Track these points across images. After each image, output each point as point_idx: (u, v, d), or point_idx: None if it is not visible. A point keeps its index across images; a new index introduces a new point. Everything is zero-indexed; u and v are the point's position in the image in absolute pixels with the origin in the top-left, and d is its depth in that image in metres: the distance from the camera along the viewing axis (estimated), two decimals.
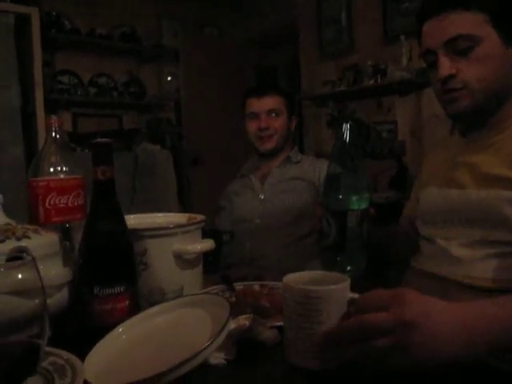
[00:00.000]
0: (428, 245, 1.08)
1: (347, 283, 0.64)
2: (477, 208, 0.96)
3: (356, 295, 0.64)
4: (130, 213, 0.92)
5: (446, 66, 0.95)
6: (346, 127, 0.90)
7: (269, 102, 1.76)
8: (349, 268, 0.88)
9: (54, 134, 0.99)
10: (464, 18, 0.92)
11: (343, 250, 0.87)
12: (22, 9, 3.21)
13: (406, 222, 1.25)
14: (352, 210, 0.86)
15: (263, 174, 1.83)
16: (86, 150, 3.25)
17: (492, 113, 0.99)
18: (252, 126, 1.78)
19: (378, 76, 3.32)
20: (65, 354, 0.60)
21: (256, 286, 0.93)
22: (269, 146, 1.77)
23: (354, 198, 0.87)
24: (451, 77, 0.95)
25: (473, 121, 1.02)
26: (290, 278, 0.67)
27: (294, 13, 4.15)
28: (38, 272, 0.48)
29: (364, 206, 0.88)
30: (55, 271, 0.73)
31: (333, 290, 0.63)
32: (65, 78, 3.87)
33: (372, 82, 3.37)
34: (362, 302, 0.61)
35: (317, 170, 1.73)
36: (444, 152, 1.16)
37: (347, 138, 0.90)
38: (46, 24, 3.57)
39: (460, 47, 0.93)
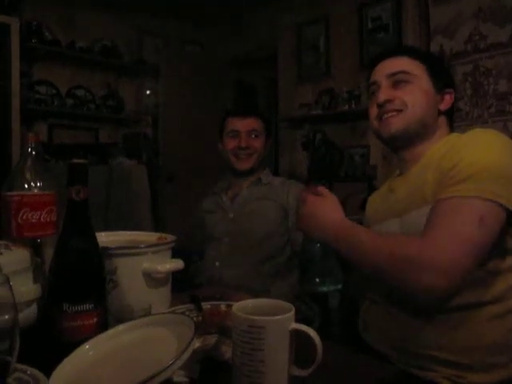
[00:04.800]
0: None
1: (291, 314, 0.67)
2: (408, 229, 1.03)
3: (300, 325, 0.67)
4: (102, 226, 0.94)
5: (385, 91, 1.13)
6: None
7: (251, 123, 1.80)
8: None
9: (29, 150, 1.00)
10: (405, 60, 1.14)
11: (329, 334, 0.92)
12: (1, 18, 3.20)
13: None
14: (332, 292, 0.92)
15: (234, 193, 1.85)
16: (60, 162, 3.23)
17: (416, 142, 1.12)
18: (231, 144, 1.79)
19: (353, 102, 3.43)
20: (29, 369, 0.61)
21: (223, 305, 0.96)
22: (246, 165, 1.79)
23: (333, 278, 0.94)
24: (388, 101, 1.12)
25: (400, 147, 1.16)
26: (239, 305, 0.70)
27: (275, 35, 4.25)
28: (11, 288, 0.50)
29: (340, 285, 0.95)
30: (25, 288, 0.74)
31: (276, 321, 0.65)
32: (42, 89, 3.84)
33: (346, 107, 3.47)
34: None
35: (285, 190, 1.76)
36: (384, 189, 1.26)
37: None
38: (25, 34, 3.56)
39: (400, 79, 1.12)
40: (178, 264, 0.90)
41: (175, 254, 0.95)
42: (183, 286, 1.13)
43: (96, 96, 4.16)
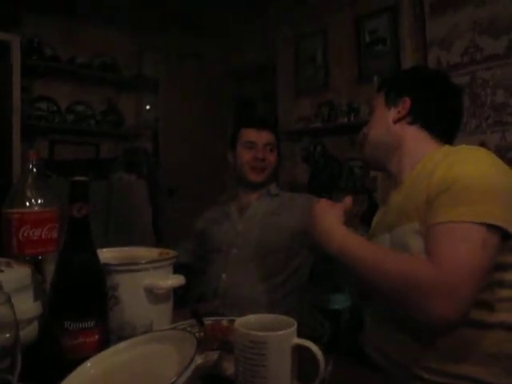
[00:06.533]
0: None
1: (294, 329, 0.66)
2: (396, 246, 1.03)
3: (302, 340, 0.67)
4: (103, 241, 0.94)
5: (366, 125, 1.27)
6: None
7: (266, 136, 1.80)
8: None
9: (30, 167, 1.01)
10: (376, 96, 1.26)
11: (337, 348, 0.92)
12: (2, 36, 3.23)
13: None
14: (345, 308, 0.93)
15: (241, 205, 1.83)
16: (61, 178, 3.24)
17: (387, 161, 1.19)
18: (247, 155, 1.78)
19: (352, 114, 3.44)
20: None
21: (225, 321, 0.96)
22: (260, 177, 1.78)
23: (347, 296, 0.95)
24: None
25: (375, 166, 1.29)
26: (241, 320, 0.69)
27: (274, 49, 4.28)
28: (13, 307, 0.50)
29: (351, 303, 0.96)
30: (26, 305, 0.74)
31: (278, 336, 0.65)
32: (43, 105, 3.85)
33: (346, 119, 3.48)
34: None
35: (298, 206, 1.73)
36: (384, 206, 1.25)
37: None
38: (26, 50, 3.59)
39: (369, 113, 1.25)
40: (180, 280, 0.90)
41: (176, 269, 0.95)
42: (185, 301, 1.13)
43: (96, 111, 4.17)
